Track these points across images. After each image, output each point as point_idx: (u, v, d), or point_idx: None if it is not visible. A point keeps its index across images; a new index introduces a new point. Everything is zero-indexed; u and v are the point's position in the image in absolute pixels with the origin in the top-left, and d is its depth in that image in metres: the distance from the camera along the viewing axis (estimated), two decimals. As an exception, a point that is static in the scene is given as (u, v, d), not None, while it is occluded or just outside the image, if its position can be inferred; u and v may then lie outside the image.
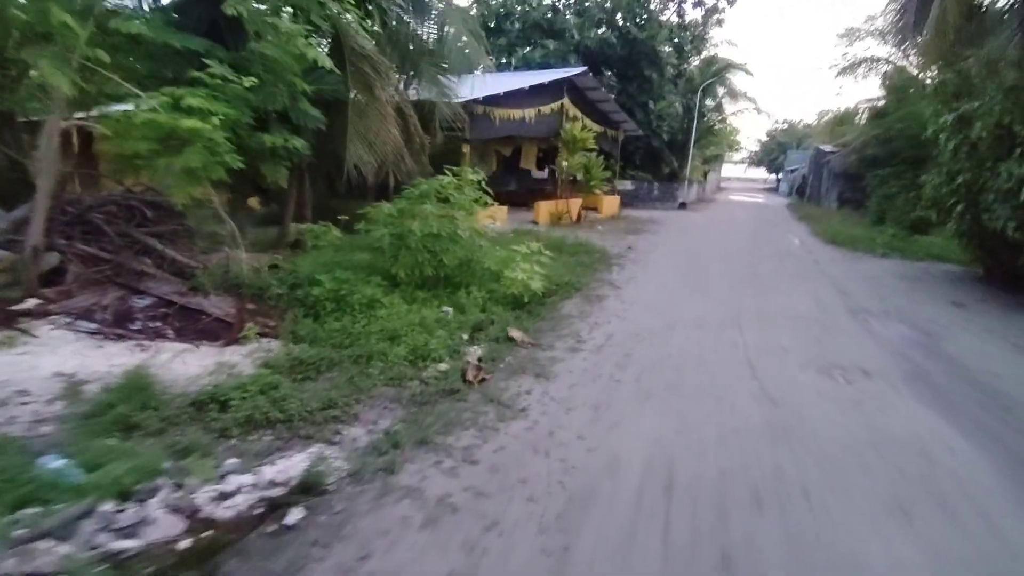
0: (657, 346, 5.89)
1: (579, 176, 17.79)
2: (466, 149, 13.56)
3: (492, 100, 13.93)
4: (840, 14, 72.30)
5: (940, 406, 4.65)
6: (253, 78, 5.71)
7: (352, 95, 8.45)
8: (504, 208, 15.27)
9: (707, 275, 9.99)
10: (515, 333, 5.77)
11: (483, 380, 4.69)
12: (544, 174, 23.64)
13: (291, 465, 3.22)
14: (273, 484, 3.05)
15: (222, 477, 3.07)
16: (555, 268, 8.92)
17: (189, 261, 6.85)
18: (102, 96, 5.67)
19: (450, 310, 6.14)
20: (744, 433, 4.01)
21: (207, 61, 5.53)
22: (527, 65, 25.63)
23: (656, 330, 6.46)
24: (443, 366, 4.89)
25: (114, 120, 5.45)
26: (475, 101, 13.06)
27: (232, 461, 3.21)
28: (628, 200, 27.49)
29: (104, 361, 4.74)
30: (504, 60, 28.96)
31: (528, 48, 27.41)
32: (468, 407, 4.22)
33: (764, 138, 67.53)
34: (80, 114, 5.88)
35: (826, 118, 30.04)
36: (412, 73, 10.65)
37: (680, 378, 5.02)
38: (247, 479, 3.01)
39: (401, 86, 10.78)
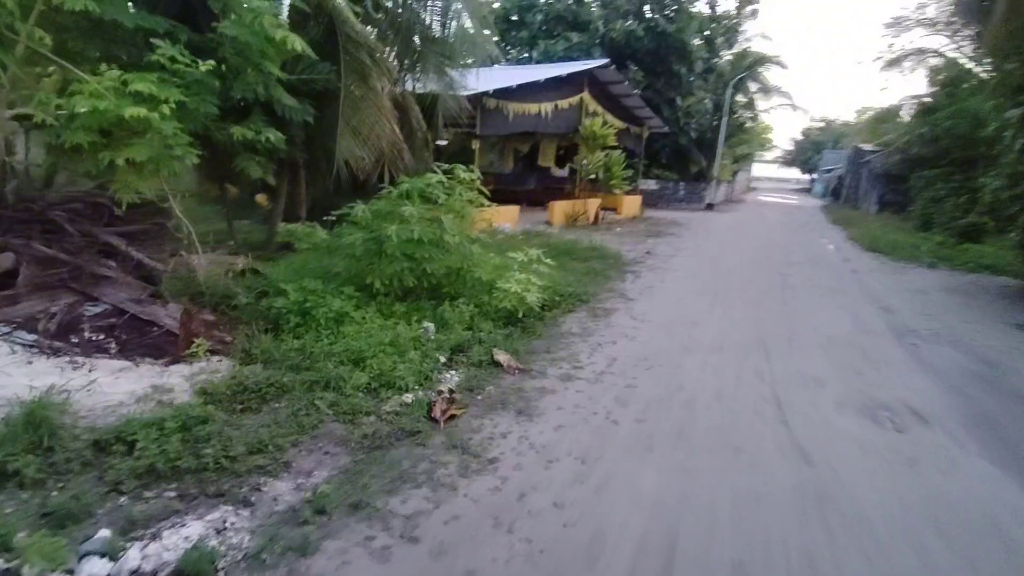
0: (667, 376, 5.06)
1: (599, 175, 16.92)
2: (476, 145, 12.83)
3: (504, 93, 13.16)
4: (885, 3, 68.98)
5: (1015, 466, 3.74)
6: (212, 62, 5.06)
7: (346, 85, 7.78)
8: (515, 208, 14.52)
9: (731, 286, 9.08)
10: (501, 356, 5.00)
11: (452, 417, 3.95)
12: (564, 172, 22.77)
13: (175, 543, 2.52)
14: (136, 576, 2.34)
15: (80, 559, 2.38)
16: (562, 276, 8.15)
17: (156, 264, 6.26)
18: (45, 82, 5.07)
19: (431, 327, 5.40)
20: (767, 502, 3.19)
21: (154, 42, 4.89)
22: (548, 58, 24.76)
23: (668, 354, 5.62)
24: (408, 397, 4.16)
25: (54, 108, 4.85)
26: (485, 94, 12.32)
27: (102, 535, 2.52)
28: (652, 200, 26.45)
29: (25, 381, 4.12)
30: (526, 54, 28.16)
31: (551, 41, 26.52)
32: (427, 455, 3.48)
33: (798, 137, 65.32)
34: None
35: (866, 116, 28.52)
36: (416, 62, 9.94)
37: (691, 420, 4.20)
38: (102, 569, 2.31)
39: (404, 77, 10.10)
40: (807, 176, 67.40)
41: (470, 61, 10.52)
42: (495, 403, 4.26)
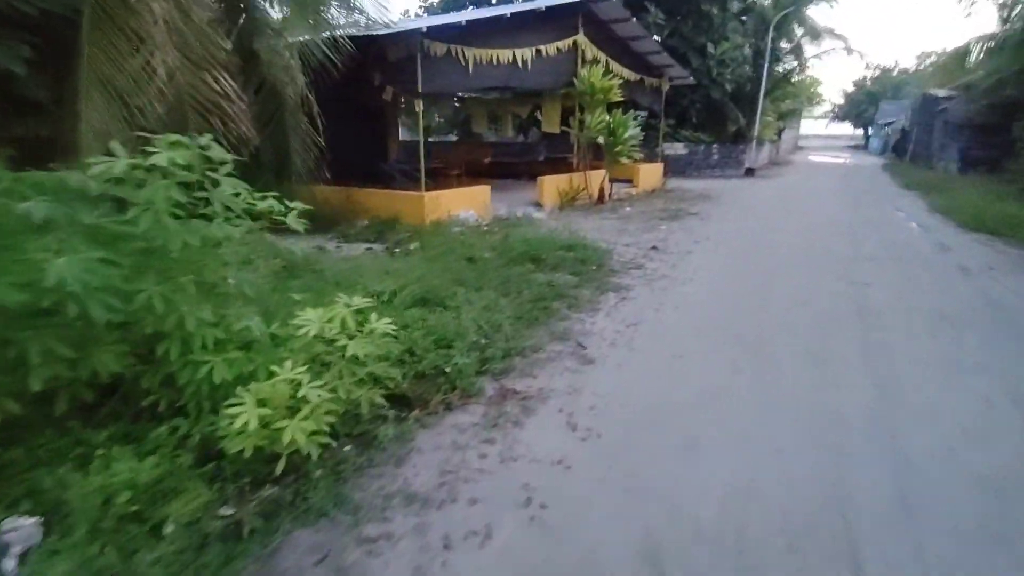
0: None
1: (603, 140, 13.31)
2: (419, 107, 9.46)
3: (457, 35, 9.68)
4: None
5: None
6: None
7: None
8: (484, 189, 11.15)
9: (772, 317, 5.58)
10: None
11: None
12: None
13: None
14: None
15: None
16: (481, 314, 4.87)
17: None
18: None
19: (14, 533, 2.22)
20: None
21: None
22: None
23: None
24: None
25: None
26: (420, 34, 8.88)
27: None
28: (679, 168, 22.51)
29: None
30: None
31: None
32: None
33: (849, 89, 58.70)
34: None
35: (929, 61, 23.48)
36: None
37: None
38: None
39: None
40: (861, 131, 60.87)
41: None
42: None
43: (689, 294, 6.24)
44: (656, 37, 22.14)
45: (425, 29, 8.84)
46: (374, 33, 8.70)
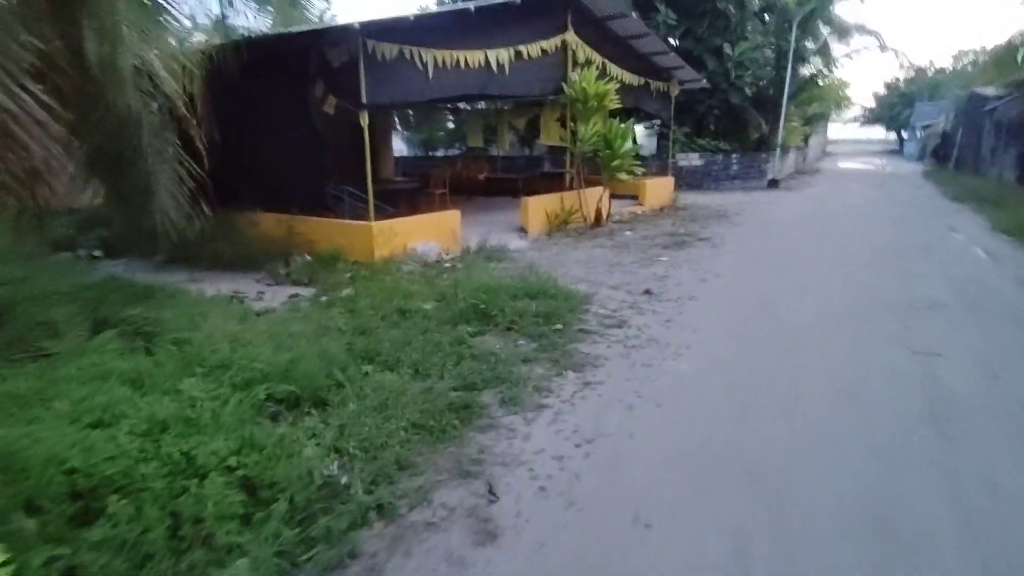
0: None
1: (598, 153, 11.56)
2: (363, 120, 7.84)
3: (407, 32, 8.06)
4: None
5: None
6: None
7: None
8: (454, 216, 9.47)
9: (805, 417, 3.76)
10: None
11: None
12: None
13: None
14: None
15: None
16: (342, 430, 3.19)
17: None
18: None
19: None
20: None
21: None
22: None
23: None
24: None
25: None
26: (358, 33, 7.27)
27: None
28: (695, 180, 20.61)
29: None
30: None
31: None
32: None
33: (881, 91, 55.73)
34: None
35: (968, 58, 21.13)
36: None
37: None
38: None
39: None
40: (894, 135, 57.74)
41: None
42: None
43: (681, 376, 4.41)
44: (672, 40, 20.42)
45: (358, 26, 7.22)
46: (293, 30, 7.15)
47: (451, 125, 22.07)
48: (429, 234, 8.78)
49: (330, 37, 7.46)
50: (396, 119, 21.02)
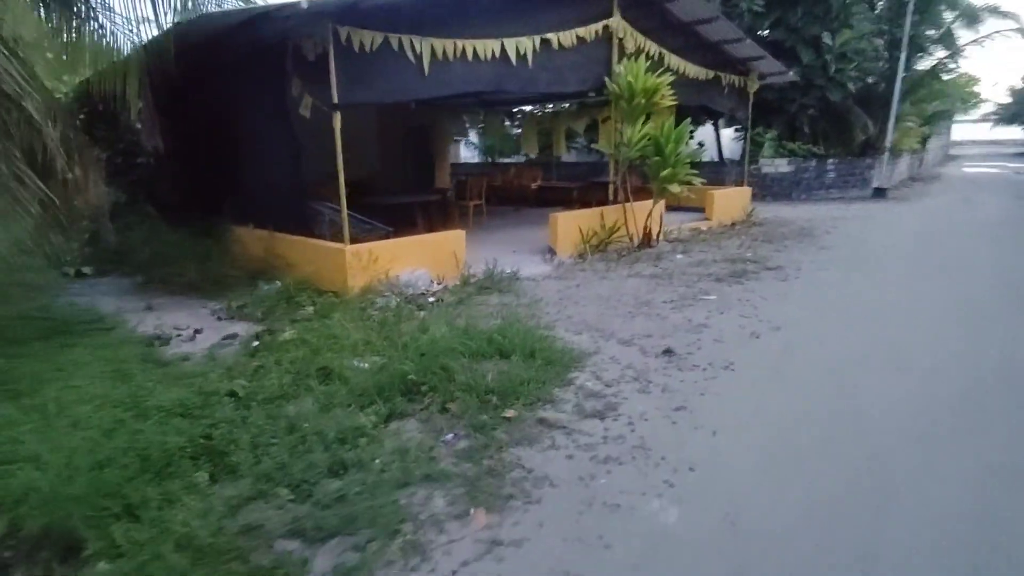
0: None
1: (645, 160, 9.69)
2: (336, 123, 6.54)
3: (394, 18, 6.69)
4: None
5: None
6: None
7: None
8: (456, 236, 8.01)
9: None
10: None
11: None
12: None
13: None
14: None
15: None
16: None
17: None
18: None
19: None
20: None
21: None
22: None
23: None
24: None
25: None
26: (328, 17, 5.96)
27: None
28: (782, 189, 17.96)
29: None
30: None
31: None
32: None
33: (1019, 85, 48.26)
34: None
35: None
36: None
37: None
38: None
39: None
40: (1035, 135, 49.96)
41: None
42: None
43: (661, 539, 2.62)
44: (759, 31, 17.88)
45: (329, 9, 5.91)
46: (253, 9, 5.97)
47: (515, 130, 20.60)
48: (422, 259, 7.35)
49: (296, 26, 6.21)
50: (467, 123, 20.02)
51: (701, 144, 25.77)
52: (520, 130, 20.42)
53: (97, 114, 9.66)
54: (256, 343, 5.31)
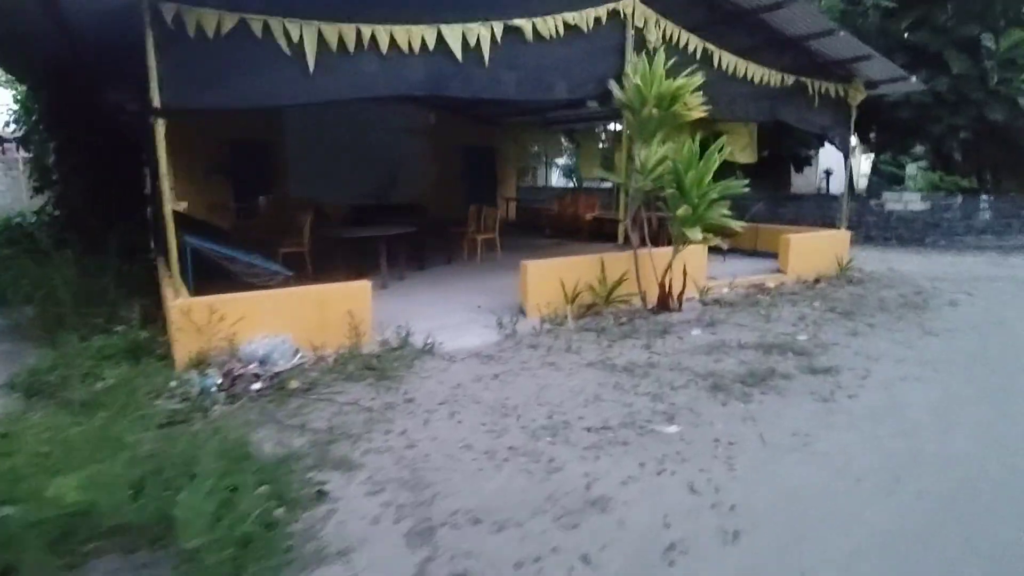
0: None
1: (661, 191, 7.03)
2: (159, 131, 4.81)
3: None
4: None
5: None
6: None
7: None
8: (362, 288, 5.94)
9: None
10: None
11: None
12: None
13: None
14: None
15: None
16: None
17: None
18: None
19: None
20: None
21: None
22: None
23: None
24: None
25: None
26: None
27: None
28: (914, 233, 13.93)
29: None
30: None
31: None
32: None
33: None
34: None
35: None
36: None
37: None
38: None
39: None
40: None
41: None
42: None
43: None
44: (893, 34, 14.07)
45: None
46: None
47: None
48: (299, 320, 5.39)
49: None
50: (563, 142, 18.32)
51: (828, 172, 21.53)
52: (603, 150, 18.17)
53: None
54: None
